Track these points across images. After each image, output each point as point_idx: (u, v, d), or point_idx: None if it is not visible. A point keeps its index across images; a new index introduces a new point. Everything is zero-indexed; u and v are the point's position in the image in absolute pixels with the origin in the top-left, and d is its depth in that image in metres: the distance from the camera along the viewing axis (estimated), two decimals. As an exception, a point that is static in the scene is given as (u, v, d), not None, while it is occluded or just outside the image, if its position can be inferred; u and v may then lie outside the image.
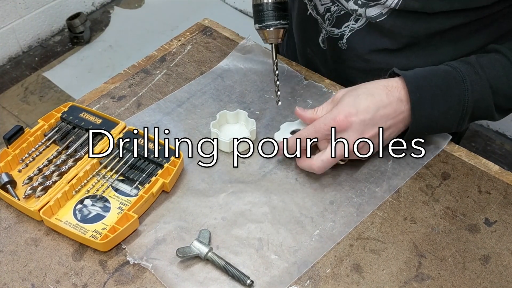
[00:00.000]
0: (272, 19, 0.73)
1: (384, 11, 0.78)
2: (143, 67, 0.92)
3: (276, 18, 0.73)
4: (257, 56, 0.93)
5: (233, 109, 0.83)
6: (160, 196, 0.73)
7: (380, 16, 0.79)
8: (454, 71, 0.72)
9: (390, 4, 0.76)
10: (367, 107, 0.69)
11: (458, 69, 0.72)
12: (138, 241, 0.69)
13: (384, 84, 0.72)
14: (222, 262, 0.65)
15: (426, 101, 0.71)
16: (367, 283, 0.65)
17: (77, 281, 0.65)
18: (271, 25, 0.74)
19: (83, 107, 0.82)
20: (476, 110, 0.73)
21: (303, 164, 0.73)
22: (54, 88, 2.28)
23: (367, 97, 0.70)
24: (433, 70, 0.74)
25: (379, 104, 0.70)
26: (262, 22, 0.74)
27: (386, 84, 0.72)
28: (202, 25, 1.00)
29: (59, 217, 0.70)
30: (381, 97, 0.70)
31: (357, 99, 0.70)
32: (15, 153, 0.76)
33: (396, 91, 0.71)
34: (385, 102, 0.70)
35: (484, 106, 0.73)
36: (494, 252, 0.68)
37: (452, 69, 0.73)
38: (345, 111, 0.69)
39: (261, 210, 0.72)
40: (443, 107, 0.72)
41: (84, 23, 2.44)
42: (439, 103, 0.71)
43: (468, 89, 0.72)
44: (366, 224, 0.71)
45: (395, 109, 0.70)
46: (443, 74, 0.73)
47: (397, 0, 0.76)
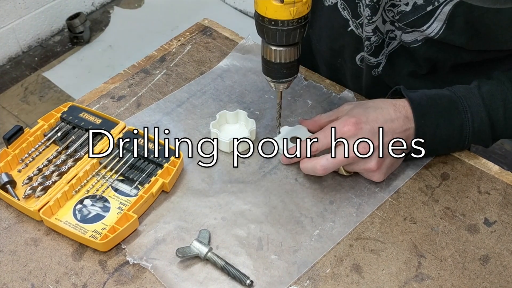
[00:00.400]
0: (285, 76, 0.71)
1: (420, 38, 0.79)
2: (143, 67, 0.92)
3: (289, 75, 0.71)
4: (257, 56, 0.93)
5: (233, 109, 0.83)
6: (160, 196, 0.73)
7: (414, 42, 0.80)
8: (457, 99, 0.74)
9: (429, 33, 0.76)
10: (376, 117, 0.71)
11: (460, 98, 0.74)
12: (138, 241, 0.69)
13: (391, 101, 0.73)
14: (221, 262, 0.65)
15: (429, 128, 0.72)
16: (367, 283, 0.65)
17: (77, 281, 0.65)
18: (285, 81, 0.72)
19: (83, 107, 0.82)
20: (475, 138, 0.75)
21: (307, 165, 0.73)
22: (54, 88, 2.28)
23: (375, 110, 0.72)
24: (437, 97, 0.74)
25: (387, 117, 0.71)
26: (273, 78, 0.72)
27: (393, 102, 0.73)
28: (202, 25, 1.00)
29: (59, 217, 0.70)
30: (389, 111, 0.72)
31: (366, 110, 0.72)
32: (15, 153, 0.76)
33: (403, 109, 0.72)
34: (392, 116, 0.71)
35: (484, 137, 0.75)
36: (493, 252, 0.68)
37: (455, 96, 0.74)
38: (356, 118, 0.70)
39: (261, 210, 0.72)
40: (446, 135, 0.73)
41: (84, 23, 2.44)
42: (441, 132, 0.73)
43: (469, 119, 0.73)
44: (366, 224, 0.71)
45: (402, 125, 0.72)
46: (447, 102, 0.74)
47: (437, 30, 0.75)
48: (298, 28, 0.65)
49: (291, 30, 0.64)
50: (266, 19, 0.64)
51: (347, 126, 0.70)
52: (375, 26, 0.79)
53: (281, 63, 0.69)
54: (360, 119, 0.70)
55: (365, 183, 0.75)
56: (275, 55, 0.68)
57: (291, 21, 0.63)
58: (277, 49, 0.67)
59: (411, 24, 0.77)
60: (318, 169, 0.71)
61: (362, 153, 0.70)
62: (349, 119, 0.70)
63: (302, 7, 0.63)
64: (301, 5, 0.63)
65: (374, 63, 0.86)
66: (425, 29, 0.76)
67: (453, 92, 0.75)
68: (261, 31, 0.66)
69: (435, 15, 0.73)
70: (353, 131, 0.70)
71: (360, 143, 0.69)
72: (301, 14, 0.64)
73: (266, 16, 0.63)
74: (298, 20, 0.64)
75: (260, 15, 0.64)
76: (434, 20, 0.74)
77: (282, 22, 0.64)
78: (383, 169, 0.72)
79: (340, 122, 0.71)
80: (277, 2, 0.62)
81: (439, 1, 0.72)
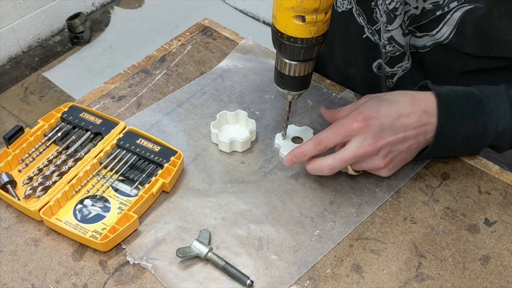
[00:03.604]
0: (297, 88, 0.71)
1: (429, 43, 0.78)
2: (143, 67, 0.92)
3: (301, 88, 0.71)
4: (257, 56, 0.93)
5: (233, 109, 0.83)
6: (160, 196, 0.73)
7: (423, 48, 0.79)
8: (485, 99, 0.71)
9: (439, 37, 0.75)
10: (388, 112, 0.68)
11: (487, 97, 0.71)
12: (138, 241, 0.69)
13: (411, 94, 0.71)
14: (222, 262, 0.65)
15: (452, 127, 0.70)
16: (367, 283, 0.65)
17: (77, 281, 0.65)
18: (297, 93, 0.72)
19: (83, 107, 0.82)
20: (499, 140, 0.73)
21: (314, 166, 0.71)
22: (54, 88, 2.28)
23: (390, 103, 0.69)
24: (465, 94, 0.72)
25: (401, 111, 0.68)
26: (286, 89, 0.71)
27: (413, 94, 0.71)
28: (202, 25, 1.00)
29: (59, 217, 0.71)
30: (405, 104, 0.69)
31: (380, 103, 0.69)
32: (15, 153, 0.76)
33: (422, 102, 0.69)
34: (407, 110, 0.69)
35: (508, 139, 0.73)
36: (494, 252, 0.68)
37: (484, 96, 0.72)
38: (365, 113, 0.68)
39: (261, 210, 0.72)
40: (468, 135, 0.71)
41: (84, 23, 2.44)
42: (464, 131, 0.71)
43: (494, 121, 0.71)
44: (366, 224, 0.71)
45: (417, 120, 0.69)
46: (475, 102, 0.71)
47: (447, 35, 0.74)
48: (316, 45, 0.64)
49: (309, 47, 0.64)
50: (285, 36, 0.63)
51: (356, 123, 0.68)
52: (390, 36, 0.77)
53: (294, 76, 0.68)
54: (370, 115, 0.68)
55: (365, 183, 0.75)
56: (289, 69, 0.68)
57: (310, 39, 0.63)
58: (292, 63, 0.67)
59: (421, 28, 0.76)
60: (325, 169, 0.70)
61: (369, 151, 0.68)
62: (358, 115, 0.68)
63: (322, 26, 0.62)
64: (322, 24, 0.62)
65: (389, 73, 0.84)
66: (434, 34, 0.75)
67: (481, 91, 0.72)
68: (278, 46, 0.65)
69: (445, 20, 0.73)
70: (361, 128, 0.67)
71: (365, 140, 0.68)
72: (320, 32, 0.63)
73: (285, 33, 0.63)
74: (317, 38, 0.63)
75: (279, 31, 0.63)
76: (444, 24, 0.73)
77: (301, 40, 0.63)
78: (391, 166, 0.71)
79: (349, 118, 0.69)
80: (299, 21, 0.61)
81: (449, 7, 0.71)
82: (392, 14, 0.74)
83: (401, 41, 0.78)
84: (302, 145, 0.71)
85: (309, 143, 0.70)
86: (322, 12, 0.61)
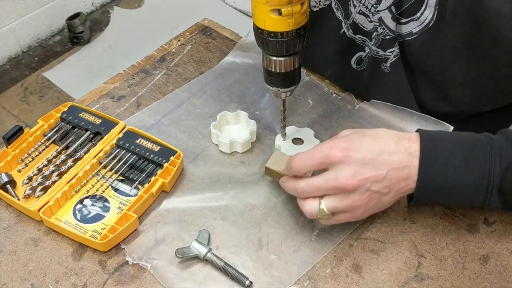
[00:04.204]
0: (287, 85, 0.71)
1: (415, 30, 0.76)
2: (143, 67, 0.92)
3: (290, 84, 0.71)
4: (258, 53, 0.93)
5: (234, 109, 0.83)
6: (159, 196, 0.73)
7: (410, 34, 0.77)
8: (482, 135, 0.64)
9: (423, 20, 0.74)
10: (371, 147, 0.62)
11: (487, 135, 0.64)
12: (137, 241, 0.69)
13: (396, 133, 0.65)
14: (221, 263, 0.65)
15: (440, 156, 0.62)
16: (367, 283, 0.65)
17: (76, 281, 0.65)
18: (287, 90, 0.72)
19: (82, 107, 0.82)
20: (505, 183, 0.62)
21: (288, 184, 0.67)
22: (54, 88, 2.28)
23: (374, 139, 0.63)
24: (457, 132, 0.67)
25: (384, 148, 0.62)
26: (276, 87, 0.71)
27: (398, 134, 0.65)
28: (202, 25, 1.00)
29: (58, 217, 0.70)
30: (389, 142, 0.63)
31: (363, 137, 0.63)
32: (15, 153, 0.76)
33: (407, 142, 0.63)
34: (392, 148, 0.62)
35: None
36: (493, 252, 0.68)
37: (481, 133, 0.65)
38: (347, 144, 0.62)
39: (261, 210, 0.72)
40: (461, 168, 0.62)
41: (84, 23, 2.44)
42: (455, 162, 0.62)
43: (496, 154, 0.62)
44: (366, 224, 0.71)
45: (400, 160, 0.62)
46: (467, 134, 0.65)
47: (430, 17, 0.73)
48: (297, 38, 0.65)
49: (291, 41, 0.65)
50: (266, 32, 0.64)
51: (334, 150, 0.62)
52: (379, 17, 0.77)
53: (281, 72, 0.69)
54: (351, 146, 0.62)
55: (365, 183, 0.75)
56: (275, 65, 0.68)
57: (290, 32, 0.64)
58: (277, 59, 0.68)
59: (406, 13, 0.75)
60: (297, 191, 0.65)
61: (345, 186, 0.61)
62: (338, 143, 0.62)
63: (300, 18, 0.63)
64: (299, 16, 0.63)
65: (382, 56, 0.81)
66: (419, 16, 0.74)
67: (483, 134, 0.65)
68: (261, 43, 0.67)
69: (425, 1, 0.72)
70: (339, 157, 0.61)
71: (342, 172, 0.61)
72: (299, 25, 0.64)
73: (265, 29, 0.64)
74: (297, 30, 0.64)
75: (259, 28, 0.65)
76: (426, 6, 0.73)
77: (281, 33, 0.64)
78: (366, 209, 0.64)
79: (328, 144, 0.63)
80: (276, 14, 0.62)
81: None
82: None
83: (390, 25, 0.77)
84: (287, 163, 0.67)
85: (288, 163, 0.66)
86: (298, 3, 0.61)
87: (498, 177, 0.62)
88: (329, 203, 0.63)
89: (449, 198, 0.65)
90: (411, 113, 0.81)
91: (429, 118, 0.80)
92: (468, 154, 0.63)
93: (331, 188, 0.62)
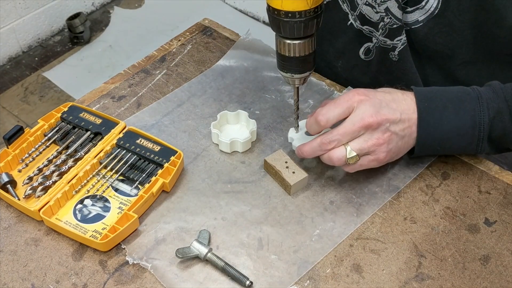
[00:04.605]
0: (301, 70, 0.69)
1: (421, 18, 0.78)
2: (143, 67, 0.92)
3: (305, 69, 0.69)
4: (258, 52, 0.93)
5: (234, 109, 0.83)
6: (160, 196, 0.73)
7: (416, 23, 0.78)
8: (470, 89, 0.72)
9: (428, 8, 0.75)
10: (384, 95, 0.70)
11: (475, 88, 0.72)
12: (138, 241, 0.69)
13: (399, 90, 0.72)
14: (221, 263, 0.65)
15: (435, 111, 0.70)
16: (367, 283, 0.65)
17: (77, 281, 0.65)
18: (301, 76, 0.70)
19: (83, 107, 0.82)
20: (493, 130, 0.71)
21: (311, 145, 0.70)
22: (54, 88, 2.28)
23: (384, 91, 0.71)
24: (448, 87, 0.73)
25: (394, 97, 0.70)
26: (289, 72, 0.69)
27: (401, 90, 0.72)
28: (202, 25, 1.00)
29: (59, 217, 0.70)
30: (397, 93, 0.71)
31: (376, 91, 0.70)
32: (15, 153, 0.76)
33: (410, 95, 0.71)
34: (400, 97, 0.70)
35: (502, 127, 0.71)
36: (494, 252, 0.68)
37: (469, 87, 0.72)
38: (365, 91, 0.69)
39: (261, 210, 0.72)
40: (455, 120, 0.70)
41: (84, 23, 2.44)
42: (449, 116, 0.70)
43: (483, 105, 0.70)
44: (366, 224, 0.71)
45: (409, 107, 0.70)
46: (457, 89, 0.72)
47: (435, 5, 0.74)
48: (315, 18, 0.63)
49: (309, 21, 0.63)
50: (282, 12, 0.62)
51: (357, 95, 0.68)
52: (386, 7, 0.78)
53: (296, 57, 0.67)
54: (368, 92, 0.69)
55: (365, 183, 0.75)
56: (289, 49, 0.66)
57: (308, 11, 0.62)
58: (292, 43, 0.65)
59: (411, 2, 0.76)
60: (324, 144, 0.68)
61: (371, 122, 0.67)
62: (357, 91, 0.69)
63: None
64: None
65: (390, 45, 0.83)
66: (424, 5, 0.75)
67: (471, 87, 0.73)
68: (276, 25, 0.64)
69: None
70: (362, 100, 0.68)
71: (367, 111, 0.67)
72: (317, 3, 0.62)
73: (282, 9, 0.61)
74: (315, 9, 0.62)
75: (275, 9, 0.62)
76: None
77: (299, 13, 0.62)
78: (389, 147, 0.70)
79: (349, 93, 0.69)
80: None
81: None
82: None
83: (397, 14, 0.78)
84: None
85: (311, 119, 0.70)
86: None
87: (487, 125, 0.70)
88: (355, 145, 0.68)
89: (446, 147, 0.72)
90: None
91: None
92: (459, 107, 0.70)
93: (357, 129, 0.67)
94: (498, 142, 0.73)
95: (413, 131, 0.71)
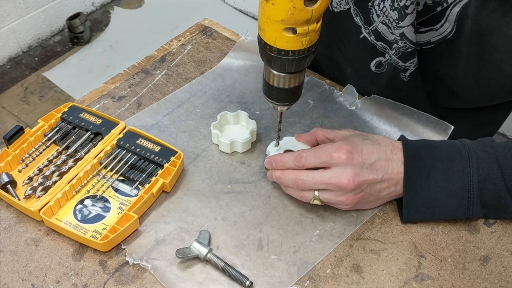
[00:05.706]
0: (288, 100, 0.67)
1: (433, 39, 0.77)
2: (143, 67, 0.92)
3: (292, 100, 0.67)
4: (257, 52, 0.92)
5: (234, 109, 0.83)
6: (160, 196, 0.73)
7: (427, 44, 0.78)
8: (461, 145, 0.69)
9: (442, 31, 0.75)
10: (371, 152, 0.68)
11: (466, 144, 0.69)
12: (138, 242, 0.69)
13: (390, 141, 0.71)
14: (221, 263, 0.65)
15: (422, 170, 0.68)
16: (367, 283, 0.65)
17: (77, 281, 0.65)
18: (284, 105, 0.68)
19: (83, 107, 0.82)
20: (485, 193, 0.67)
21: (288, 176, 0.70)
22: (54, 88, 2.28)
23: (373, 144, 0.69)
24: (438, 142, 0.72)
25: (382, 155, 0.68)
26: (275, 101, 0.68)
27: (392, 142, 0.71)
28: (202, 25, 1.00)
29: (59, 217, 0.71)
30: (386, 149, 0.69)
31: (364, 142, 0.69)
32: (15, 153, 0.76)
33: (399, 152, 0.69)
34: (388, 155, 0.68)
35: (494, 189, 0.67)
36: (493, 252, 0.68)
37: (460, 143, 0.70)
38: (350, 147, 0.67)
39: (261, 210, 0.72)
40: (442, 180, 0.68)
41: (84, 23, 2.44)
42: (437, 175, 0.68)
43: (474, 166, 0.67)
44: (366, 225, 0.71)
45: (393, 167, 0.68)
46: (447, 146, 0.70)
47: (449, 30, 0.73)
48: (308, 56, 0.60)
49: (301, 59, 0.60)
50: (275, 49, 0.59)
51: (339, 153, 0.66)
52: (401, 32, 0.77)
53: (284, 88, 0.65)
54: (354, 150, 0.67)
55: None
56: (278, 80, 0.64)
57: (302, 50, 0.59)
58: (281, 75, 0.63)
59: (426, 23, 0.76)
60: (297, 181, 0.68)
61: (345, 185, 0.66)
62: (344, 145, 0.67)
63: (314, 36, 0.58)
64: (314, 34, 0.58)
65: (402, 67, 0.83)
66: (438, 28, 0.75)
67: (460, 141, 0.71)
68: (266, 58, 0.62)
69: (446, 15, 0.73)
70: (343, 159, 0.66)
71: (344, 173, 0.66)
72: (312, 42, 0.59)
73: (275, 46, 0.59)
74: (309, 48, 0.59)
75: (267, 44, 0.59)
76: (445, 20, 0.73)
77: (293, 52, 0.59)
78: (355, 205, 0.69)
79: (334, 146, 0.68)
80: (289, 33, 0.57)
81: (448, 1, 0.71)
82: (403, 12, 0.74)
83: (412, 39, 0.77)
84: (284, 155, 0.71)
85: (290, 155, 0.70)
86: (314, 22, 0.57)
87: (477, 187, 0.67)
88: (324, 195, 0.69)
89: (436, 209, 0.69)
90: (411, 111, 0.82)
91: (430, 116, 0.80)
92: (447, 166, 0.68)
93: (331, 184, 0.67)
94: (494, 207, 0.69)
95: (394, 190, 0.69)
